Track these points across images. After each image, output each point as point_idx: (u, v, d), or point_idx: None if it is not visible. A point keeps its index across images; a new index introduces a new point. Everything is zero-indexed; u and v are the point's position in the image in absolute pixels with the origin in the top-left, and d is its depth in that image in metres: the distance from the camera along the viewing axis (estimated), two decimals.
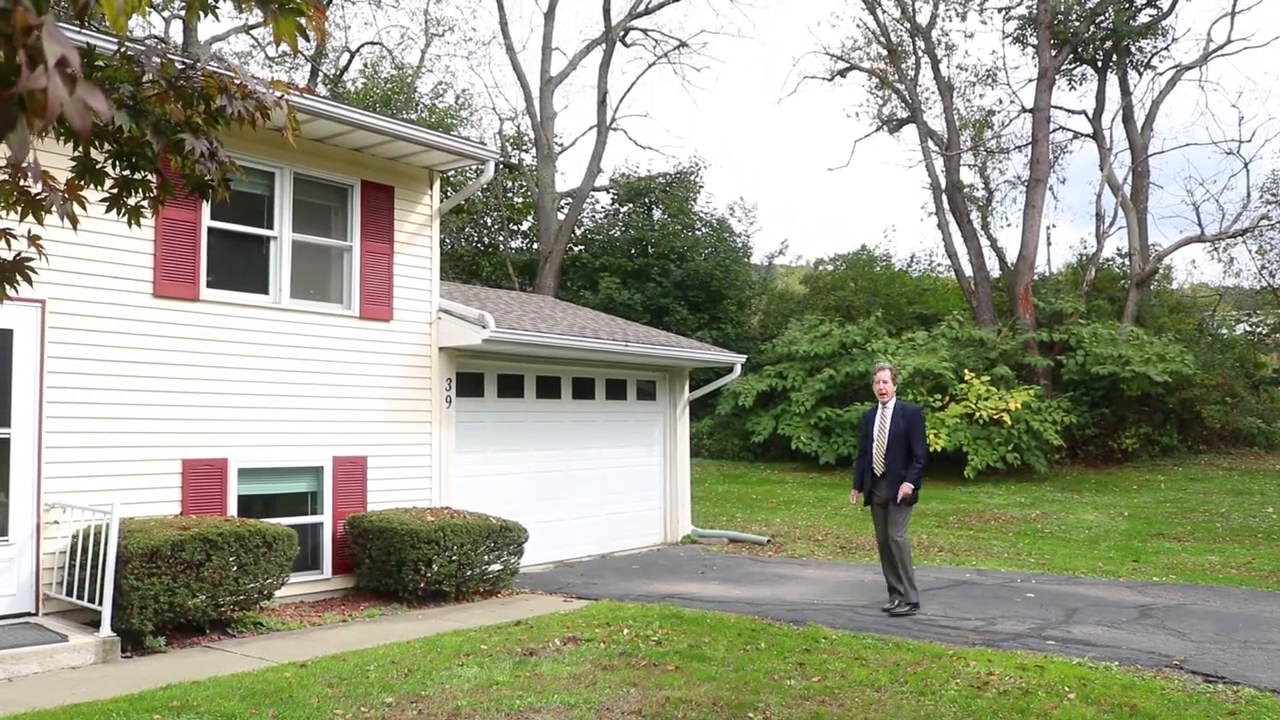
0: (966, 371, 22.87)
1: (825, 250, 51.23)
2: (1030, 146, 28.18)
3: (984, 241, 29.82)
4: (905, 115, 31.91)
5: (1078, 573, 11.79)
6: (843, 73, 32.80)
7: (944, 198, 29.19)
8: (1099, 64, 30.02)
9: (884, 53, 31.48)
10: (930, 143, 29.74)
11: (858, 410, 23.55)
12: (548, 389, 13.00)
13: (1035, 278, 28.15)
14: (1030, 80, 29.41)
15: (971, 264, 28.67)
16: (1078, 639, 8.09)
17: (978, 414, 21.73)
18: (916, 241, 52.92)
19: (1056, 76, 28.38)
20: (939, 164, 29.58)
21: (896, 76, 31.24)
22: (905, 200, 72.84)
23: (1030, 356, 24.52)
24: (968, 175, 32.45)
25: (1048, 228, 32.21)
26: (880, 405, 9.59)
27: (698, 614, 9.02)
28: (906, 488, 9.20)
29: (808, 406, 24.54)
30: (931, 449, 21.48)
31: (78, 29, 7.00)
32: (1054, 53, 27.69)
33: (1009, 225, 36.13)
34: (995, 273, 29.90)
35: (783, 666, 7.09)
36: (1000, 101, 48.91)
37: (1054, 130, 29.66)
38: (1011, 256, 29.20)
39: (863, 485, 9.70)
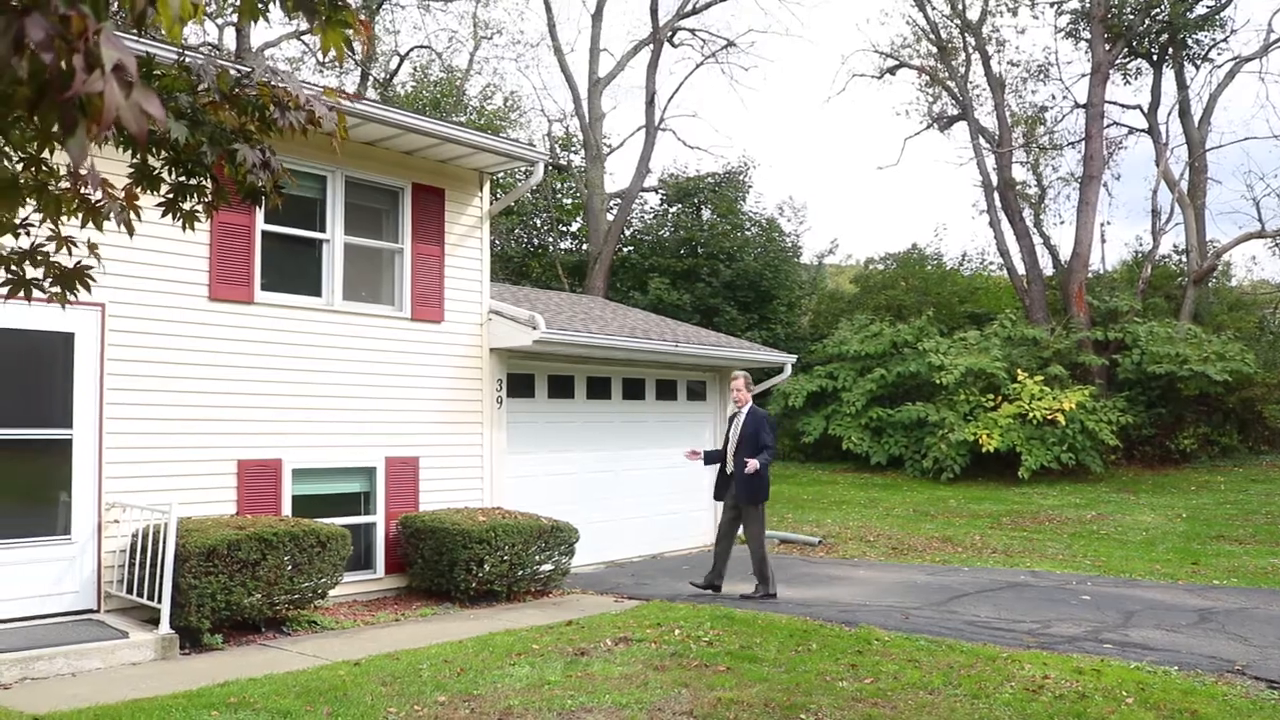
0: (1019, 371, 22.60)
1: (875, 249, 50.95)
2: (1084, 143, 27.79)
3: (1037, 239, 29.44)
4: (956, 112, 31.59)
5: (1135, 575, 11.61)
6: (892, 70, 32.56)
7: (996, 195, 28.86)
8: (1154, 57, 29.52)
9: (934, 49, 31.18)
10: (981, 140, 29.42)
11: (910, 410, 23.39)
12: (598, 390, 13.03)
13: (1089, 275, 27.73)
14: (1083, 75, 28.97)
15: (1024, 262, 28.32)
16: (1135, 642, 7.97)
17: (1031, 414, 21.46)
18: (968, 240, 52.45)
19: (1110, 71, 27.94)
20: (990, 161, 29.25)
21: (947, 73, 30.93)
22: (956, 198, 72.12)
23: (1085, 355, 24.17)
24: (1020, 172, 32.09)
25: (1102, 225, 31.77)
26: (737, 410, 10.59)
27: (749, 615, 8.99)
28: (752, 464, 9.99)
29: (858, 407, 24.37)
30: (984, 449, 21.35)
31: (137, 38, 7.12)
32: (1108, 47, 27.27)
33: (1062, 223, 35.72)
34: (1048, 271, 29.50)
35: (835, 668, 7.05)
36: (1053, 97, 48.26)
37: (1108, 126, 29.24)
38: (1065, 254, 28.79)
39: (718, 472, 10.73)
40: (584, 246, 32.66)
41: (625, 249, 31.77)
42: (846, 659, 7.31)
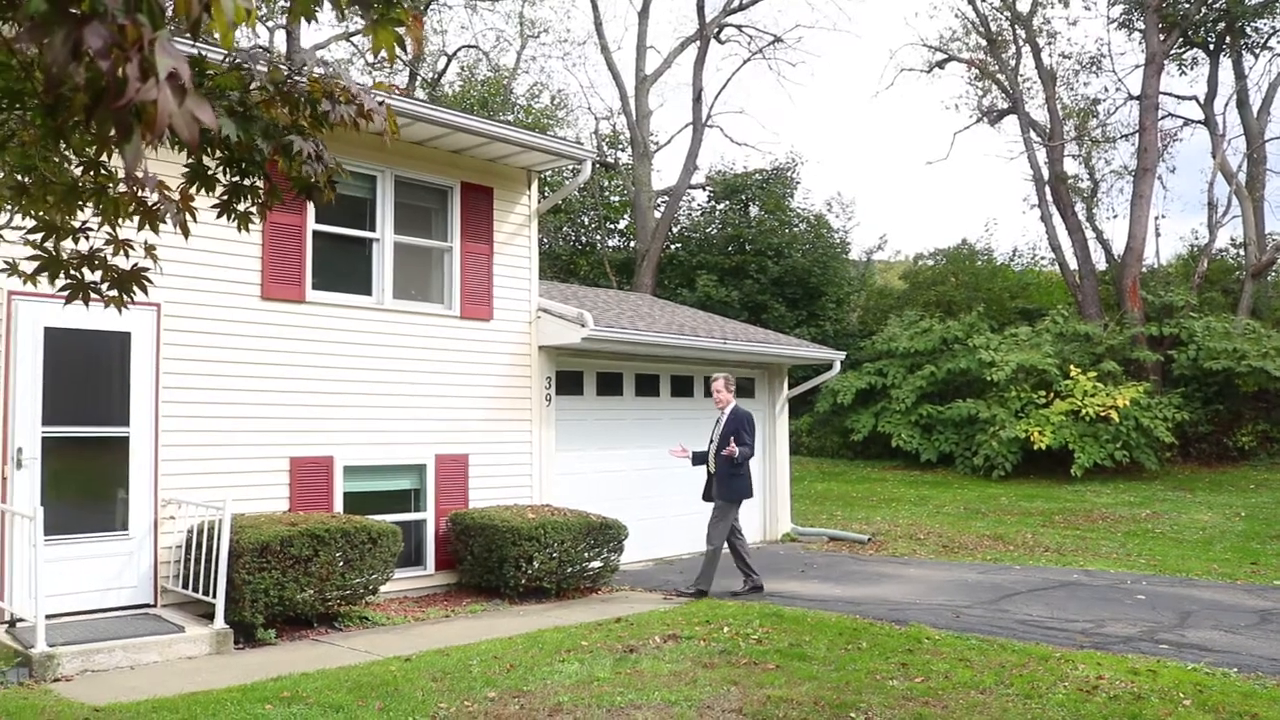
0: (1072, 367, 22.30)
1: (925, 245, 50.50)
2: (1137, 135, 27.33)
3: (1089, 234, 29.05)
4: (1006, 106, 31.21)
5: (1192, 575, 11.42)
6: (941, 64, 32.26)
7: (1047, 189, 28.47)
8: (1211, 47, 28.99)
9: (983, 43, 30.84)
10: (1032, 133, 29.05)
11: (960, 407, 23.18)
12: (646, 387, 13.03)
13: (1143, 270, 27.28)
14: (1137, 66, 28.50)
15: (1076, 257, 27.92)
16: (1193, 643, 7.84)
17: (1084, 411, 21.16)
18: (1019, 234, 51.80)
19: (1165, 61, 27.45)
20: (1041, 155, 28.87)
21: (996, 66, 30.56)
22: (1006, 193, 71.41)
23: (1139, 351, 23.79)
24: (1072, 166, 31.65)
25: (1156, 218, 31.28)
26: (718, 411, 10.67)
27: (798, 612, 8.96)
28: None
29: (908, 404, 24.20)
30: (1035, 447, 21.11)
31: (189, 40, 7.22)
32: (1162, 37, 26.80)
33: (1115, 217, 35.27)
34: (1101, 266, 29.07)
35: (885, 667, 7.00)
36: (1105, 89, 47.51)
37: (1162, 117, 28.75)
38: (1118, 249, 28.39)
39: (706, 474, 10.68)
40: (631, 244, 32.69)
41: (673, 246, 31.75)
42: (897, 658, 7.25)
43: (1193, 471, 22.23)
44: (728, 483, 10.30)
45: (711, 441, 10.61)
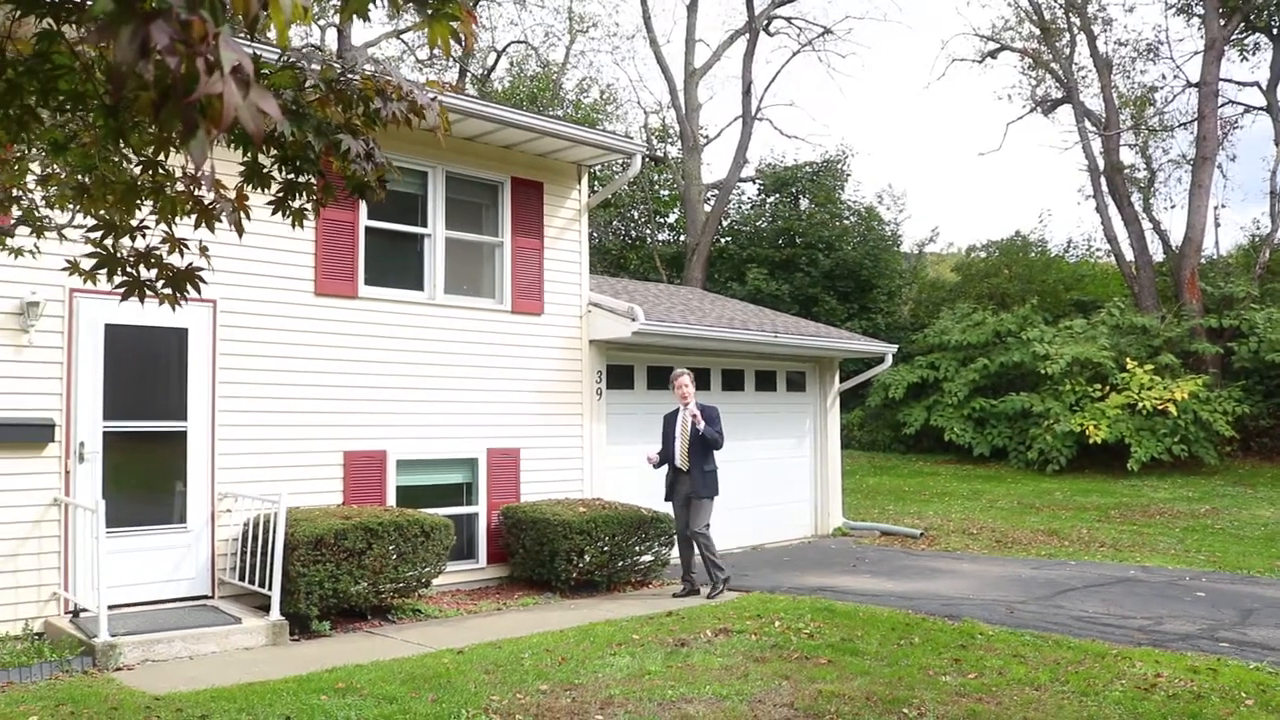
0: (1128, 360, 21.96)
1: (977, 237, 49.72)
2: (1196, 123, 26.80)
3: (1146, 224, 28.57)
4: (1060, 95, 30.78)
5: (1253, 572, 11.21)
6: (993, 54, 31.89)
7: (1102, 180, 28.04)
8: (1274, 31, 28.34)
9: (1036, 31, 30.42)
10: (1087, 123, 28.60)
11: (1014, 401, 22.95)
12: (697, 381, 12.97)
13: (1202, 261, 26.79)
14: (1196, 53, 27.98)
15: (1133, 248, 27.47)
16: (1254, 642, 7.70)
17: (1141, 404, 20.83)
18: (1073, 226, 50.99)
19: (1225, 47, 26.90)
20: (1097, 145, 28.41)
21: (1050, 55, 30.14)
22: (1061, 183, 70.39)
23: (1198, 344, 23.37)
24: (1128, 155, 31.16)
25: (1216, 208, 30.58)
26: (682, 406, 10.19)
27: (850, 607, 8.91)
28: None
29: (960, 397, 23.97)
30: (1091, 441, 20.83)
31: (246, 39, 7.31)
32: (1223, 22, 26.25)
33: (1173, 207, 34.63)
34: (1158, 257, 28.60)
35: (937, 662, 6.94)
36: (1163, 77, 46.85)
37: (1223, 105, 28.16)
38: (1176, 239, 27.90)
39: (669, 472, 10.25)
40: (681, 238, 32.66)
41: (723, 240, 31.68)
42: (949, 653, 7.19)
43: (1254, 466, 21.80)
44: (703, 479, 9.90)
45: (675, 438, 10.12)
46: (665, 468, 10.28)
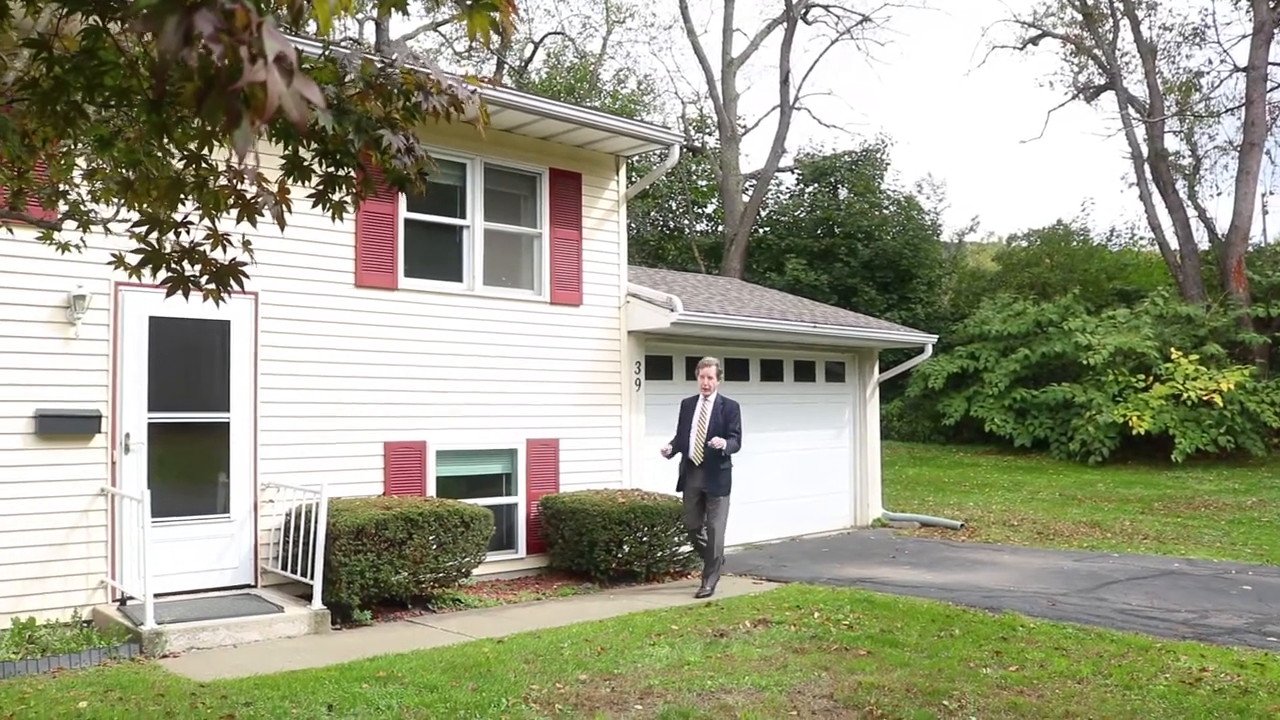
0: (1173, 350, 21.68)
1: (1018, 226, 49.38)
2: (1244, 108, 26.33)
3: (1191, 212, 28.11)
4: (1103, 81, 30.37)
5: None
6: (1034, 40, 31.50)
7: (1146, 167, 27.64)
8: None
9: (1078, 16, 30.01)
10: (1131, 109, 28.19)
11: (1055, 392, 22.73)
12: (735, 371, 12.98)
13: (1249, 249, 26.32)
14: (1244, 37, 27.48)
15: (1177, 236, 27.04)
16: None
17: (1185, 395, 20.57)
18: (1116, 214, 50.21)
19: (1275, 30, 26.41)
20: (1140, 131, 28.00)
21: (1093, 41, 29.72)
22: (1103, 171, 69.31)
23: (1244, 334, 23.02)
24: (1172, 142, 30.72)
25: (1264, 195, 30.10)
26: (702, 396, 9.83)
27: (889, 599, 8.87)
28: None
29: (1001, 388, 23.78)
30: (1134, 432, 20.61)
31: (288, 34, 7.36)
32: (1272, 4, 25.73)
33: (1219, 194, 34.09)
34: (1204, 245, 28.13)
35: (978, 654, 6.90)
36: (1209, 62, 45.89)
37: (1271, 89, 27.62)
38: (1222, 227, 27.46)
39: (681, 463, 9.87)
40: (720, 228, 32.58)
41: (761, 230, 31.56)
42: (990, 645, 7.14)
43: None
44: (717, 477, 9.57)
45: (692, 429, 9.78)
46: (678, 457, 9.90)
